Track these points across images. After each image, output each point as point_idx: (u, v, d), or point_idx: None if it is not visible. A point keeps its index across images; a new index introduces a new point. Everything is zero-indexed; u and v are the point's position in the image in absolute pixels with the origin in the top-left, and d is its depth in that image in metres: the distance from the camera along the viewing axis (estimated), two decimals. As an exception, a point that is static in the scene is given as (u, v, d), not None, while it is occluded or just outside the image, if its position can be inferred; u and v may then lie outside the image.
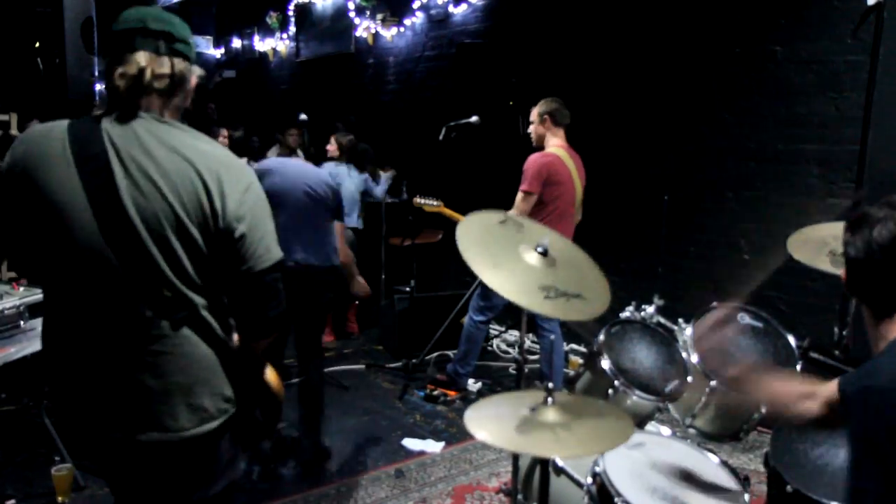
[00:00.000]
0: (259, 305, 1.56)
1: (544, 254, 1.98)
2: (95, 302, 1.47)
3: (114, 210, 1.41)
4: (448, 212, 4.48)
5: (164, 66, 1.48)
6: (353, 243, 4.98)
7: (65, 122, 1.48)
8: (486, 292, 4.11)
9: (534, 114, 3.96)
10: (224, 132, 5.36)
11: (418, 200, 4.57)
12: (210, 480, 1.66)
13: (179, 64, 1.51)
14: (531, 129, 3.97)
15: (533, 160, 3.80)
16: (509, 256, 2.00)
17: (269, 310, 1.57)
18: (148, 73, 1.46)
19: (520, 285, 1.90)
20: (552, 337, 4.02)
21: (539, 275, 1.94)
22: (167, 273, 1.44)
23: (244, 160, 5.16)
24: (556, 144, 3.90)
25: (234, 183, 1.48)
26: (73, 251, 1.44)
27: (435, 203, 4.56)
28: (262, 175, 3.20)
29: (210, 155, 1.48)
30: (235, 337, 1.63)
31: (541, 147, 3.92)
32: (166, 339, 1.48)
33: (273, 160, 3.76)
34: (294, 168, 3.41)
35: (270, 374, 1.76)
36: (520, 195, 3.80)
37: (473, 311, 4.21)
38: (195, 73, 1.58)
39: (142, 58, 1.46)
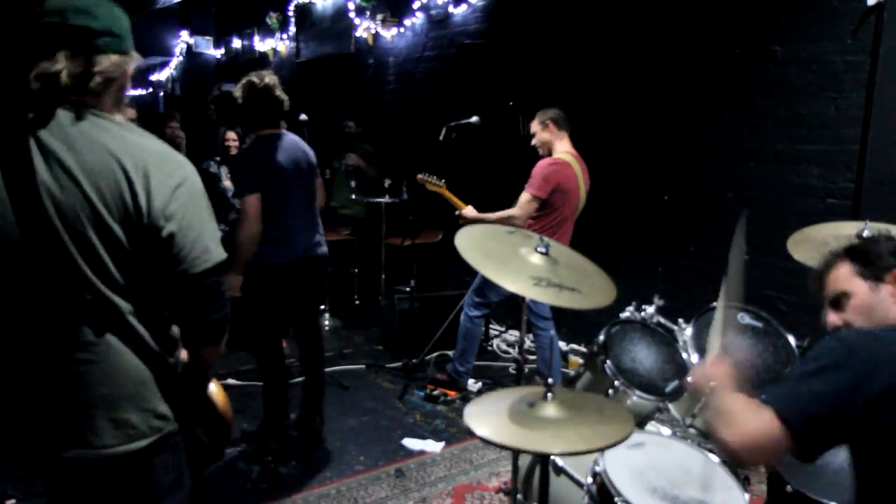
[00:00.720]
0: (198, 310, 1.46)
1: (545, 253, 2.00)
2: (15, 305, 1.38)
3: (31, 206, 1.32)
4: (448, 194, 4.42)
5: (83, 65, 1.36)
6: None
7: None
8: (481, 287, 4.12)
9: (535, 125, 3.98)
10: (233, 134, 5.33)
11: (422, 177, 4.42)
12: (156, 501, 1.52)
13: (104, 61, 1.39)
14: (535, 140, 3.98)
15: (544, 165, 3.82)
16: (510, 256, 2.01)
17: (209, 314, 1.47)
18: (64, 77, 1.34)
19: (514, 274, 1.93)
20: (551, 333, 4.03)
21: (537, 269, 1.96)
22: (87, 273, 1.35)
23: None
24: (564, 150, 3.92)
25: (164, 177, 1.38)
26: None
27: (439, 183, 4.44)
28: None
29: (138, 147, 1.38)
30: (183, 352, 1.53)
31: (548, 154, 3.94)
32: (89, 346, 1.38)
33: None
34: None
35: (216, 391, 1.66)
36: (526, 196, 3.80)
37: (468, 306, 4.21)
38: (130, 64, 1.45)
39: (59, 59, 1.34)
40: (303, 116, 4.44)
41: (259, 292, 3.29)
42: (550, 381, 1.76)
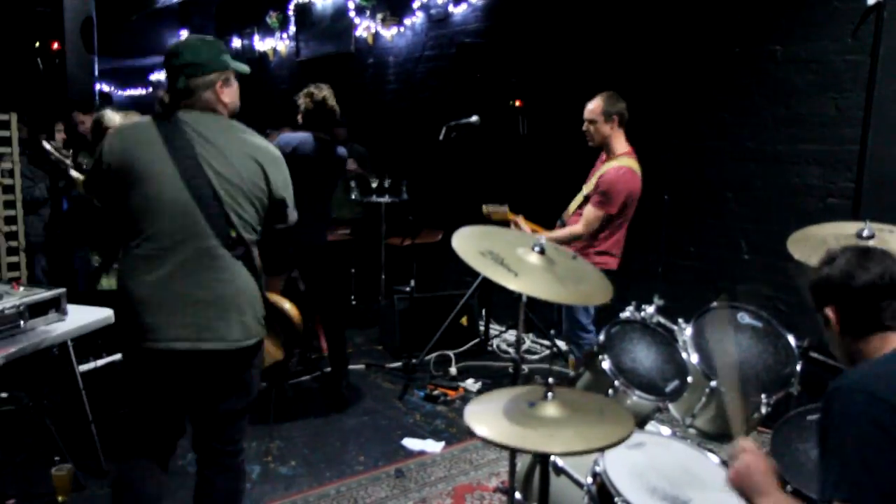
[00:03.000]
0: (278, 249, 2.32)
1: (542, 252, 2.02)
2: (178, 239, 2.02)
3: (198, 176, 2.02)
4: (522, 221, 3.82)
5: (177, 89, 2.11)
6: None
7: (147, 117, 2.12)
8: (574, 317, 3.70)
9: (595, 111, 3.58)
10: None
11: (487, 209, 3.90)
12: (241, 393, 2.18)
13: (192, 83, 2.10)
14: (591, 129, 3.60)
15: (619, 180, 3.48)
16: (508, 256, 2.02)
17: (284, 251, 2.41)
18: (165, 98, 2.12)
19: (513, 273, 1.97)
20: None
21: (536, 269, 1.97)
22: (235, 221, 2.07)
23: None
24: (625, 152, 3.59)
25: (277, 164, 2.18)
26: (163, 202, 2.02)
27: (503, 209, 3.91)
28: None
29: (259, 146, 2.16)
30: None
31: (600, 148, 3.66)
32: (227, 268, 2.06)
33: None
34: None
35: (287, 304, 2.37)
36: (597, 213, 3.51)
37: (576, 346, 3.76)
38: (219, 79, 2.16)
39: (161, 91, 2.17)
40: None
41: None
42: (550, 380, 1.76)
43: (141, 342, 2.04)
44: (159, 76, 11.36)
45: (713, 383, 2.37)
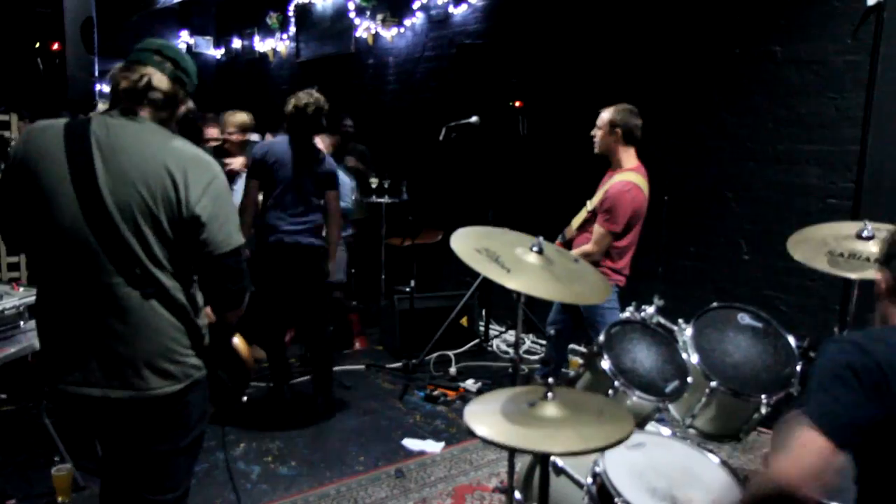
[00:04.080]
0: (221, 283, 1.84)
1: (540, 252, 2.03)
2: (77, 276, 1.72)
3: (93, 198, 1.67)
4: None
5: (163, 83, 1.79)
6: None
7: (62, 121, 1.74)
8: (595, 325, 3.55)
9: (602, 119, 3.49)
10: (256, 136, 5.42)
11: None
12: (181, 433, 1.91)
13: (176, 87, 1.83)
14: (598, 133, 3.51)
15: (623, 195, 3.36)
16: (507, 255, 2.03)
17: (230, 285, 1.86)
18: (144, 81, 1.75)
19: (512, 272, 1.96)
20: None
21: (535, 268, 1.98)
22: (138, 253, 1.70)
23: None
24: (633, 168, 3.47)
25: (199, 176, 1.73)
26: (60, 230, 1.69)
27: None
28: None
29: (179, 151, 1.74)
30: (207, 310, 1.94)
31: (603, 157, 3.56)
32: (135, 311, 1.74)
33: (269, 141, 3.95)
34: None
35: (239, 342, 2.08)
36: (603, 232, 3.40)
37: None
38: (186, 104, 1.91)
39: (147, 69, 1.78)
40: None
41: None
42: (550, 380, 1.76)
43: (55, 383, 1.80)
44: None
45: (713, 383, 2.37)
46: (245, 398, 3.87)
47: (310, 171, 3.76)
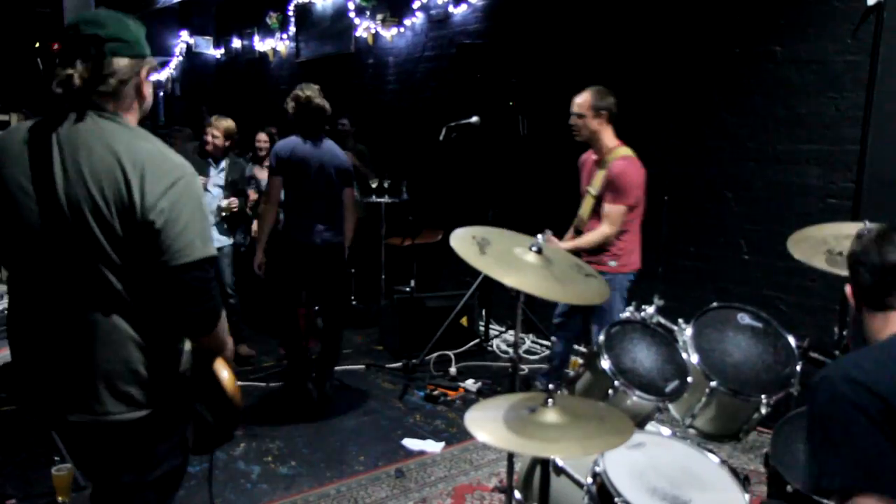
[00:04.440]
0: (179, 302, 1.58)
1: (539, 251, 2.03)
2: (37, 285, 1.60)
3: (49, 199, 1.52)
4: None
5: (96, 69, 1.54)
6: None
7: (29, 123, 1.60)
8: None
9: (584, 105, 3.49)
10: (260, 136, 5.49)
11: None
12: (146, 465, 1.71)
13: (115, 64, 1.56)
14: (580, 122, 3.50)
15: (631, 169, 3.43)
16: (506, 255, 2.04)
17: (190, 307, 1.59)
18: (76, 79, 1.52)
19: (512, 271, 1.96)
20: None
21: (534, 267, 1.98)
22: (93, 260, 1.53)
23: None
24: (619, 144, 3.53)
25: (159, 177, 1.53)
26: (23, 235, 1.56)
27: None
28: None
29: (139, 150, 1.54)
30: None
31: (588, 145, 3.60)
32: (95, 325, 1.57)
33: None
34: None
35: (226, 376, 1.74)
36: (620, 209, 3.42)
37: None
38: (144, 66, 1.63)
39: (75, 65, 1.53)
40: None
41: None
42: (551, 386, 1.76)
43: (24, 401, 1.71)
44: (160, 76, 11.37)
45: (713, 383, 2.37)
46: (329, 386, 4.10)
47: (330, 168, 3.86)
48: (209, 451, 1.85)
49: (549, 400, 1.72)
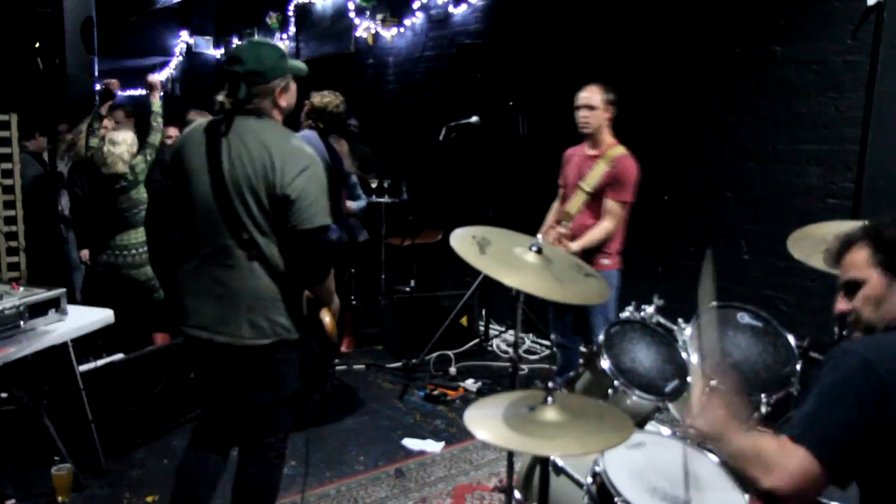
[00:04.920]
0: (302, 258, 2.16)
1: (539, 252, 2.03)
2: (203, 237, 2.17)
3: (217, 176, 2.13)
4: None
5: (244, 96, 2.14)
6: None
7: (204, 122, 2.23)
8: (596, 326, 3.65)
9: (595, 98, 3.50)
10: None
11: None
12: (275, 386, 2.24)
13: (251, 90, 2.14)
14: (590, 114, 3.51)
15: (632, 166, 3.49)
16: (506, 254, 2.04)
17: (311, 261, 2.18)
18: (226, 103, 2.16)
19: (512, 270, 1.98)
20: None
21: (534, 267, 1.98)
22: (244, 220, 2.11)
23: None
24: (616, 142, 3.58)
25: (294, 165, 2.10)
26: (197, 202, 2.16)
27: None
28: None
29: (282, 145, 2.13)
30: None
31: (583, 139, 3.63)
32: (242, 268, 2.14)
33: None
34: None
35: (327, 317, 2.30)
36: (620, 206, 3.48)
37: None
38: (279, 86, 2.19)
39: (222, 96, 2.17)
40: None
41: None
42: (550, 384, 1.76)
43: (178, 325, 2.27)
44: (159, 76, 11.35)
45: (713, 383, 2.36)
46: (329, 387, 4.13)
47: (332, 169, 3.80)
48: (319, 374, 2.46)
49: (549, 398, 1.72)
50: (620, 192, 3.47)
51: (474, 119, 4.47)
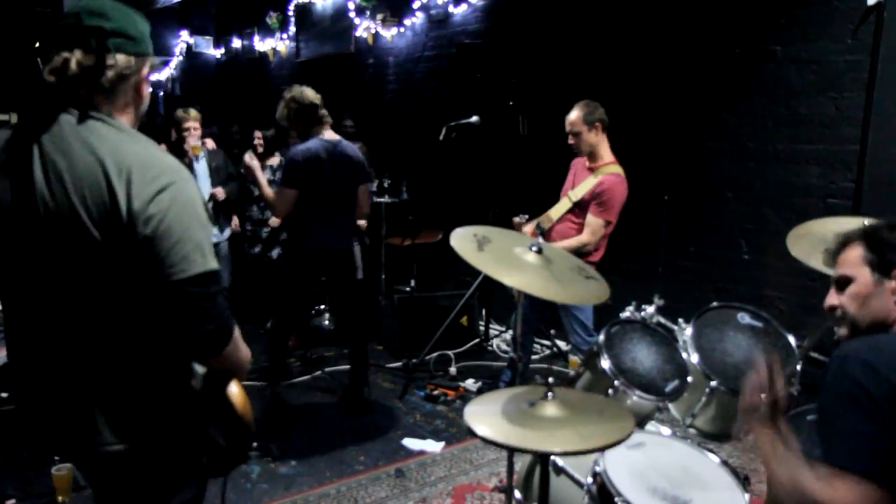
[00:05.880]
0: (183, 320, 1.39)
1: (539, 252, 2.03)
2: (30, 305, 1.44)
3: (28, 210, 1.36)
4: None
5: (94, 61, 1.39)
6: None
7: (6, 130, 1.45)
8: (582, 322, 3.76)
9: (576, 123, 3.61)
10: (257, 133, 5.44)
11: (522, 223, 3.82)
12: (157, 501, 1.56)
13: (117, 59, 1.41)
14: (579, 142, 3.64)
15: (617, 187, 3.57)
16: (506, 254, 2.04)
17: (194, 326, 1.39)
18: (73, 65, 1.37)
19: (512, 270, 1.97)
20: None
21: (534, 267, 1.99)
22: (75, 275, 1.37)
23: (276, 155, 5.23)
24: (614, 160, 3.67)
25: (147, 182, 1.35)
26: (9, 251, 1.41)
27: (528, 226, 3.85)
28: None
29: (126, 152, 1.37)
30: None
31: (589, 156, 3.68)
32: (91, 348, 1.42)
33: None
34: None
35: (236, 393, 1.59)
36: (600, 222, 3.57)
37: (583, 344, 3.72)
38: (146, 64, 1.49)
39: (69, 54, 1.38)
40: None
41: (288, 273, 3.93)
42: (550, 380, 1.76)
43: (25, 424, 1.55)
44: (160, 76, 11.36)
45: (713, 383, 2.37)
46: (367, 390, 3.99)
47: (345, 168, 3.74)
48: (224, 473, 1.68)
49: (549, 394, 1.72)
50: (602, 209, 3.58)
51: (474, 119, 4.47)
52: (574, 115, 3.65)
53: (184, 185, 1.40)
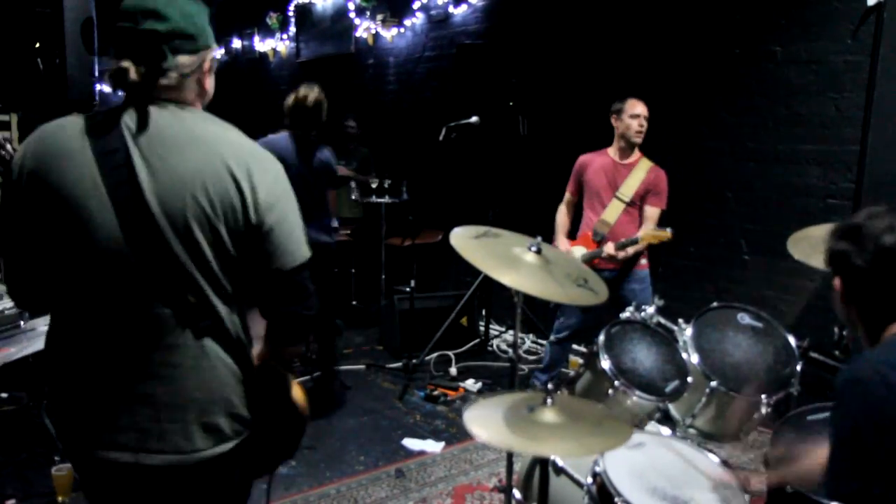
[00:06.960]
0: (292, 307, 1.44)
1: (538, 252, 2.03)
2: (111, 306, 1.35)
3: (137, 208, 1.30)
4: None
5: (155, 66, 1.35)
6: None
7: (80, 117, 1.37)
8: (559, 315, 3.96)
9: (644, 110, 3.77)
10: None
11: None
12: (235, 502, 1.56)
13: (176, 62, 1.36)
14: (645, 125, 3.78)
15: (665, 176, 3.78)
16: (506, 254, 2.04)
17: (302, 310, 1.45)
18: (133, 74, 1.32)
19: (512, 270, 1.97)
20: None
21: (534, 267, 1.99)
22: (195, 276, 1.34)
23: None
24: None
25: (264, 173, 1.38)
26: (91, 252, 1.32)
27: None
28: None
29: (238, 144, 1.38)
30: (255, 350, 1.51)
31: (626, 146, 3.83)
32: (187, 349, 1.37)
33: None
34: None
35: (297, 392, 1.59)
36: (658, 212, 3.77)
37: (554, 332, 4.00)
38: (208, 59, 1.44)
39: (127, 63, 1.34)
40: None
41: None
42: (550, 385, 1.76)
43: (75, 446, 1.43)
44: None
45: (713, 383, 2.37)
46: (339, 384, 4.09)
47: (312, 167, 3.80)
48: (271, 471, 1.66)
49: (548, 399, 1.72)
50: (660, 199, 3.76)
51: (474, 119, 4.47)
52: (643, 105, 3.78)
53: (282, 171, 1.44)
